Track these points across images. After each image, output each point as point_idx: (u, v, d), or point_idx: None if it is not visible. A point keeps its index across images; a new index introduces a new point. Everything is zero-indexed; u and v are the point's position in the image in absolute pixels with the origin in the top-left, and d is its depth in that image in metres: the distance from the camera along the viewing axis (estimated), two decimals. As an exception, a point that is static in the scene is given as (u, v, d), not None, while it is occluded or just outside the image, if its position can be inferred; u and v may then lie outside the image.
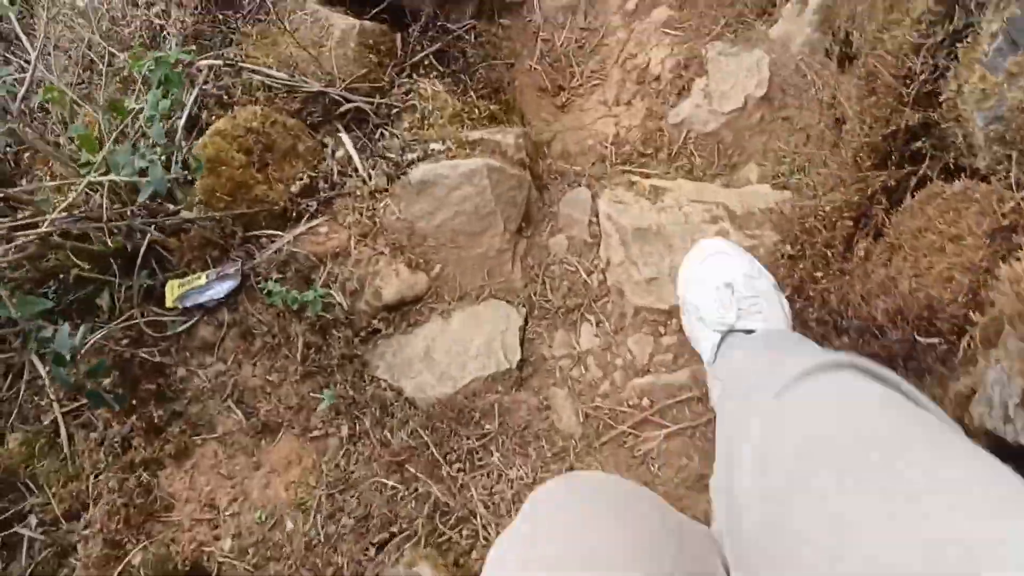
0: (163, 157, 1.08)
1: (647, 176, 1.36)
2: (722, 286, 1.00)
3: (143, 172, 1.02)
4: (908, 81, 0.96)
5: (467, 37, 1.49)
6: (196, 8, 1.43)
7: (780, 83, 1.29)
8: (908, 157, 0.99)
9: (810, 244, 1.08)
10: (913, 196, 0.97)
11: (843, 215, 1.05)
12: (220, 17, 1.43)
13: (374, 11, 1.42)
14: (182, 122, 1.29)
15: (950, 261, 0.85)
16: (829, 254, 1.06)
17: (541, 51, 1.56)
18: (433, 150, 1.28)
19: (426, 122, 1.35)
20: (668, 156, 1.36)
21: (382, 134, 1.38)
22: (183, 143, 1.25)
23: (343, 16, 1.39)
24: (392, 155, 1.30)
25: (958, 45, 0.91)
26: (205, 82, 1.35)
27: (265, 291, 1.17)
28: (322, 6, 1.41)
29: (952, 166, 0.94)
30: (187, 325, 1.22)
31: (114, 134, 1.11)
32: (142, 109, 1.13)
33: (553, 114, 1.52)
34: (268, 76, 1.36)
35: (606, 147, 1.43)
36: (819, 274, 1.06)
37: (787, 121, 1.28)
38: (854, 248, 1.03)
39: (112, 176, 1.06)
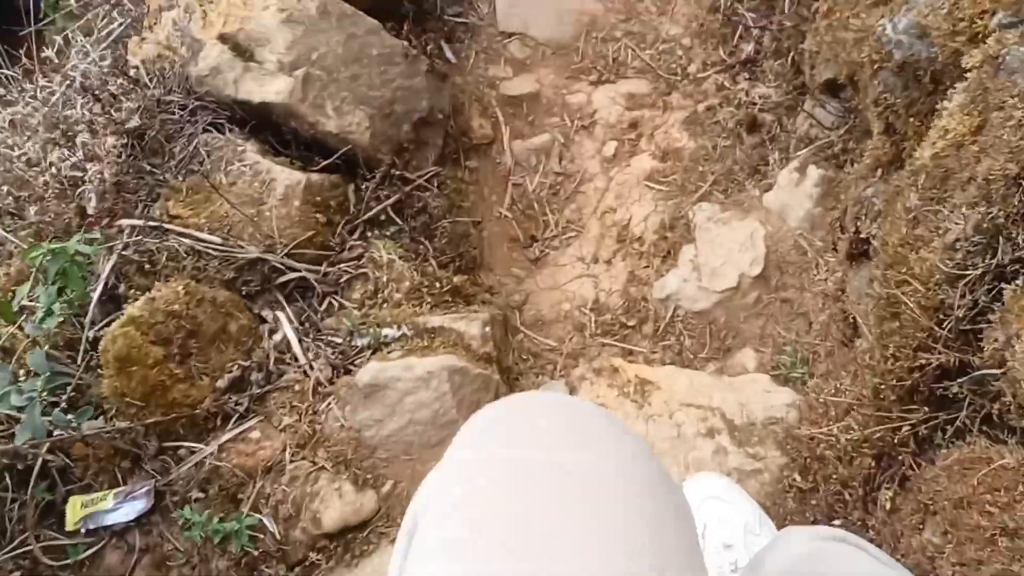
0: (44, 393, 0.90)
1: (630, 354, 1.20)
2: (721, 548, 0.84)
3: (21, 409, 0.84)
4: (940, 316, 0.81)
5: (429, 186, 1.33)
6: (119, 156, 1.25)
7: (778, 260, 1.16)
8: (940, 397, 0.85)
9: (823, 477, 0.93)
10: (947, 445, 0.83)
11: (861, 448, 0.90)
12: (146, 167, 1.26)
13: (324, 163, 1.26)
14: (94, 300, 1.11)
15: (1006, 564, 0.70)
16: (847, 495, 0.90)
17: (512, 196, 1.41)
18: (386, 336, 1.11)
19: (380, 295, 1.19)
20: (654, 331, 1.21)
21: (330, 304, 1.22)
22: (90, 333, 1.08)
23: (287, 170, 1.23)
24: (339, 340, 1.13)
25: (1004, 285, 0.77)
26: (124, 247, 1.17)
27: (181, 519, 0.98)
28: (263, 157, 1.24)
29: (996, 418, 0.80)
30: (91, 551, 1.02)
31: (-1, 343, 0.93)
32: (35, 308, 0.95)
33: (526, 268, 1.37)
34: (198, 240, 1.19)
35: (585, 313, 1.27)
36: (837, 521, 0.90)
37: (786, 304, 1.14)
38: (877, 494, 0.88)
39: (-11, 403, 0.88)
